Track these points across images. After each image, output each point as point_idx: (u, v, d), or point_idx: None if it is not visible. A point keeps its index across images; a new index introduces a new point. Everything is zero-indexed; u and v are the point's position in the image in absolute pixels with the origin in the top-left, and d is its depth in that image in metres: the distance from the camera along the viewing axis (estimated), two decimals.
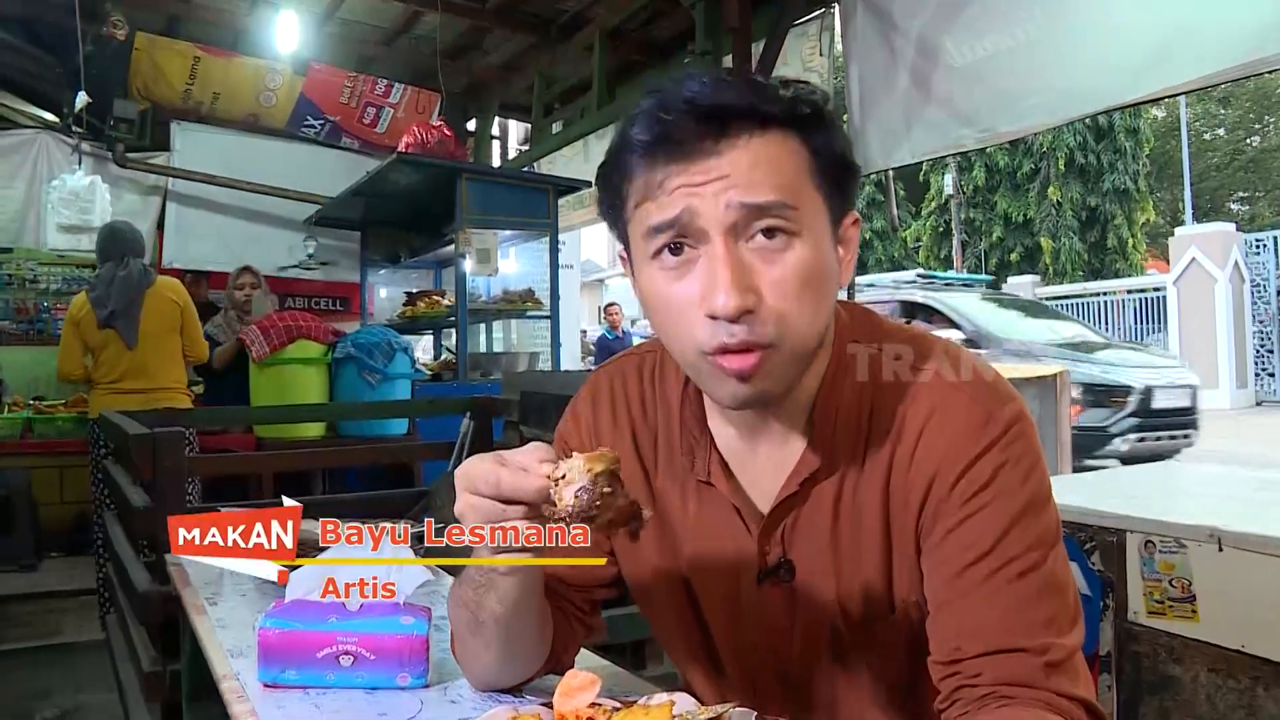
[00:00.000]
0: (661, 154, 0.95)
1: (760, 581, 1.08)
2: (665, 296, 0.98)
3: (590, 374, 1.28)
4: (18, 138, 6.75)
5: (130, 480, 3.08)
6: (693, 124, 0.93)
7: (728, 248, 0.93)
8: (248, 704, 1.19)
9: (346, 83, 7.29)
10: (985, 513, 0.96)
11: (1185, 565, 2.01)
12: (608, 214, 1.06)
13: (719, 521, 1.10)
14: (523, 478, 0.92)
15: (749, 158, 0.93)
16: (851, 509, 1.04)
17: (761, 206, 0.93)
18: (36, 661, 4.24)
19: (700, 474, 1.10)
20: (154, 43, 6.67)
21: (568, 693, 1.02)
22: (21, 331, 7.23)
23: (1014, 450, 0.98)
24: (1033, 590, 0.94)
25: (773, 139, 0.95)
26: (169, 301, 4.78)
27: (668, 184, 0.94)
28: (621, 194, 1.01)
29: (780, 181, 0.94)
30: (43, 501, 5.96)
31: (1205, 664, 1.97)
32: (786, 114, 0.96)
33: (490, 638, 1.11)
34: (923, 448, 1.00)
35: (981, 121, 4.20)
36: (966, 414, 0.99)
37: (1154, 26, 3.48)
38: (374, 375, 5.36)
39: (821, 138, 0.98)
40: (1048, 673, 0.91)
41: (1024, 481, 0.97)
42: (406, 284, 7.52)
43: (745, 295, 0.92)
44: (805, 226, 0.95)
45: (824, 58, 5.28)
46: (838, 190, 1.00)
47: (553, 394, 3.84)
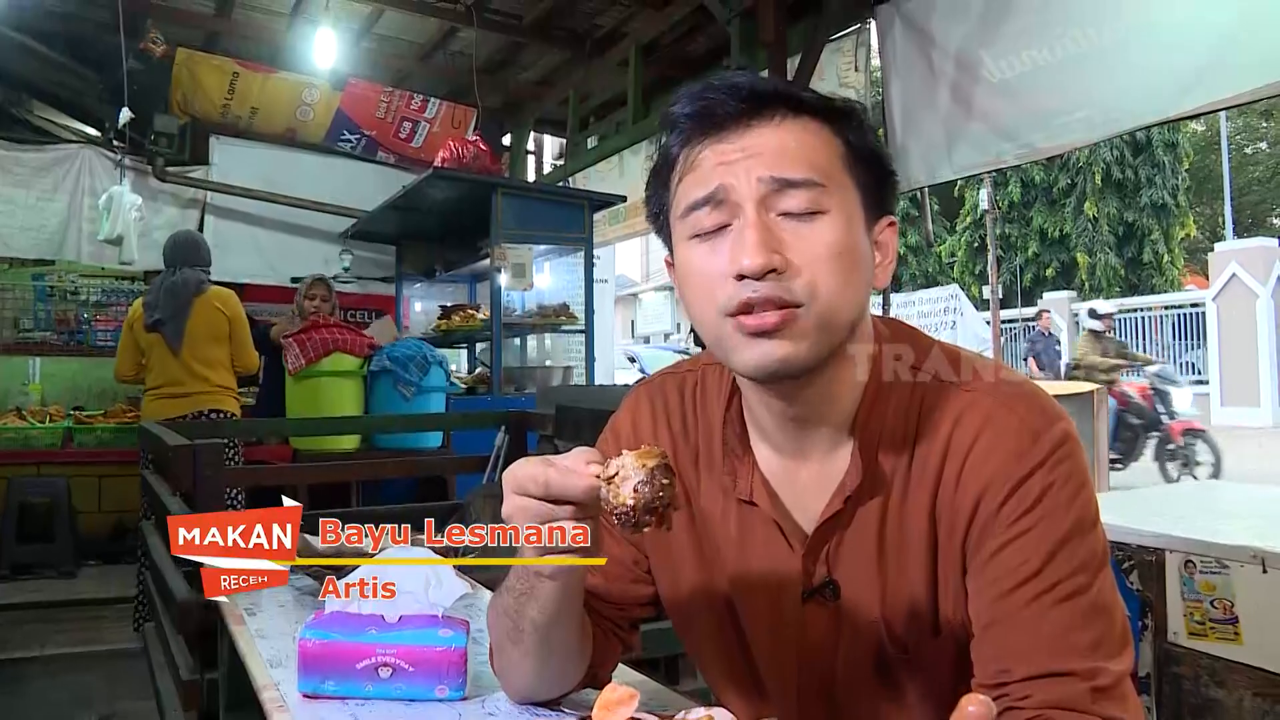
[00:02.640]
0: (699, 129, 1.00)
1: (805, 600, 1.08)
2: (698, 268, 1.00)
3: (630, 389, 1.29)
4: (61, 152, 6.86)
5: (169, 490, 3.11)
6: (730, 101, 0.98)
7: (758, 215, 0.96)
8: (288, 714, 1.20)
9: (383, 98, 7.35)
10: (1033, 534, 0.95)
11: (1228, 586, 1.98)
12: (654, 208, 1.09)
13: (762, 540, 1.10)
14: (572, 477, 0.93)
15: (781, 136, 0.98)
16: (897, 529, 1.03)
17: (791, 181, 0.96)
18: (75, 668, 4.28)
19: (743, 493, 1.10)
20: (194, 58, 6.76)
21: (607, 706, 1.02)
22: (62, 342, 7.35)
23: (1062, 471, 0.97)
24: (1080, 613, 0.93)
25: (806, 124, 0.99)
26: (216, 311, 4.84)
27: (704, 158, 0.99)
28: (666, 181, 1.05)
29: (811, 160, 0.97)
30: (82, 510, 6.05)
31: (1250, 688, 1.93)
32: (819, 105, 1.01)
33: (530, 647, 1.11)
34: (970, 467, 0.99)
35: (1021, 137, 4.18)
36: (1015, 433, 0.98)
37: (1196, 41, 3.44)
38: (409, 388, 5.39)
39: (854, 133, 1.02)
40: (1095, 697, 0.90)
41: (1071, 502, 0.96)
42: (441, 297, 7.56)
43: (771, 255, 0.94)
44: (835, 205, 0.97)
45: (860, 73, 5.27)
46: (872, 186, 1.02)
47: (587, 408, 3.84)
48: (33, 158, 6.74)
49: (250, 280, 7.00)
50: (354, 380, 5.45)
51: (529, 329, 6.67)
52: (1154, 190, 23.09)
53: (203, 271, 4.92)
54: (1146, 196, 23.14)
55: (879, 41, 4.96)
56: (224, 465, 3.00)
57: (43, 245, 6.78)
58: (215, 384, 4.79)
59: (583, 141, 7.71)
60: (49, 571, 5.75)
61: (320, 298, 5.80)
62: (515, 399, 5.65)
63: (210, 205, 7.20)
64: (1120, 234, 23.59)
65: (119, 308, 7.39)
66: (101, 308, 7.50)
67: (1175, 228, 23.57)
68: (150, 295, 4.84)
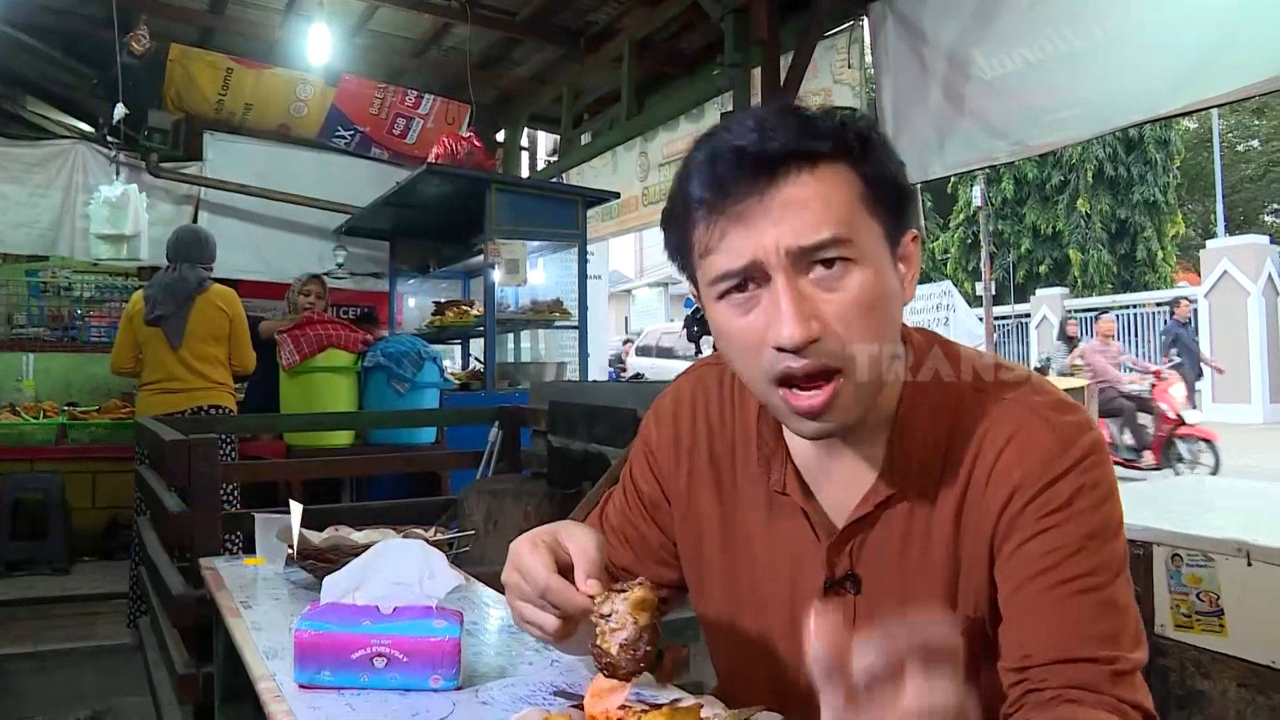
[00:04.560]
0: (717, 209, 0.98)
1: (826, 591, 1.11)
2: (734, 332, 1.01)
3: (674, 379, 1.33)
4: (55, 148, 6.83)
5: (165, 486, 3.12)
6: (744, 175, 0.97)
7: (789, 282, 0.96)
8: (284, 704, 1.21)
9: (377, 94, 7.34)
10: (1058, 530, 0.99)
11: (1213, 579, 2.00)
12: (675, 259, 1.10)
13: (790, 529, 1.13)
14: (569, 594, 1.00)
15: (801, 198, 0.96)
16: (924, 528, 1.06)
17: (818, 245, 0.96)
18: (70, 664, 4.28)
19: (776, 485, 1.14)
20: (187, 54, 6.74)
21: (598, 694, 1.04)
22: (56, 338, 7.33)
23: (1091, 476, 1.00)
24: (1099, 606, 0.98)
25: (823, 174, 0.98)
26: (218, 310, 4.83)
27: (727, 237, 0.98)
28: (686, 245, 1.05)
29: (833, 217, 0.96)
30: (76, 506, 6.04)
31: (1234, 679, 1.96)
32: (836, 147, 0.99)
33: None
34: (999, 471, 1.02)
35: (1013, 134, 4.19)
36: (1046, 439, 1.01)
37: (1187, 39, 3.45)
38: (403, 384, 5.40)
39: (872, 165, 1.01)
40: (1114, 681, 0.95)
41: (1099, 507, 1.00)
42: (435, 293, 7.56)
43: (809, 324, 0.95)
44: (862, 254, 0.98)
45: (853, 69, 5.28)
46: (894, 212, 1.02)
47: (580, 404, 3.85)
48: (26, 153, 6.71)
49: (244, 276, 6.97)
50: (348, 376, 5.47)
51: (522, 325, 6.69)
52: (1146, 187, 23.17)
53: (205, 269, 4.91)
54: (1139, 193, 23.21)
55: (871, 39, 4.97)
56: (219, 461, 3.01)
57: (36, 241, 6.75)
58: (212, 380, 4.79)
59: (576, 138, 7.70)
60: (43, 568, 5.75)
61: (314, 294, 5.81)
62: (509, 395, 5.67)
63: (204, 201, 7.18)
64: (1113, 231, 23.65)
65: (113, 303, 7.38)
66: (95, 303, 7.48)
67: (1167, 225, 23.64)
68: (151, 290, 4.82)
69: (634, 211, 7.72)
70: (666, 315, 30.03)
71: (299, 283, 5.91)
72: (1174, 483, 3.53)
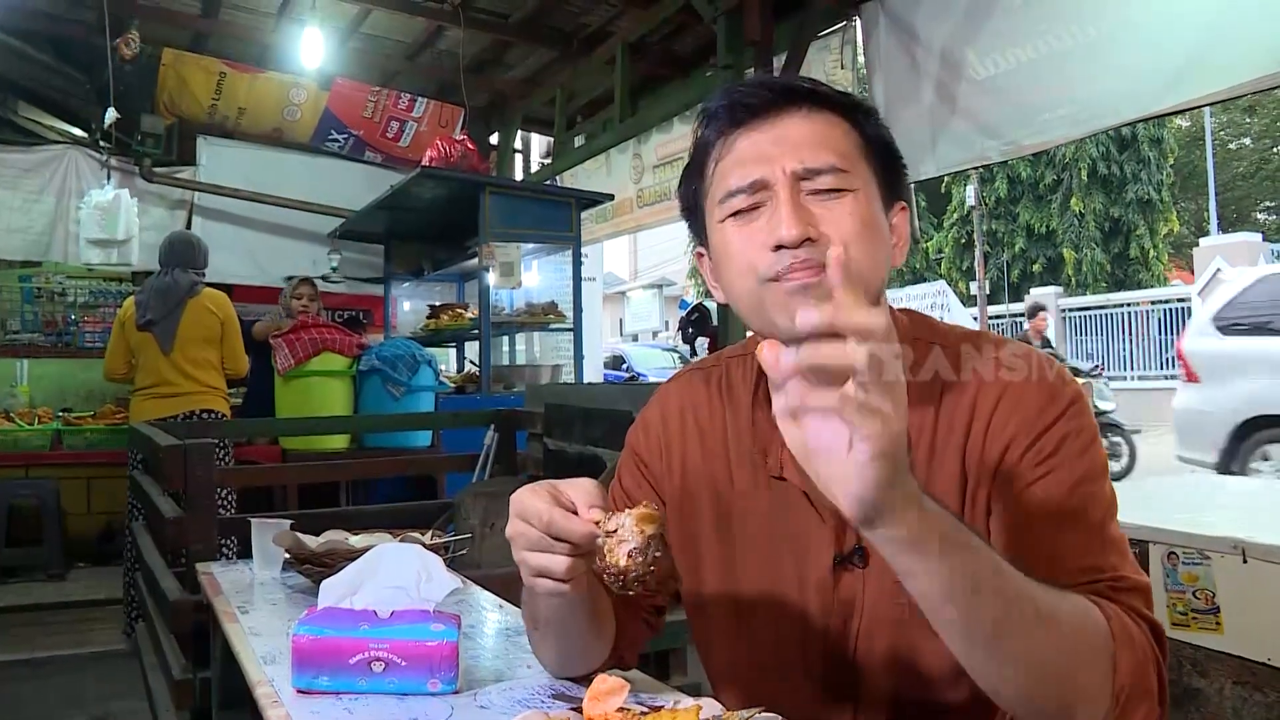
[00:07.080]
0: (733, 119, 1.11)
1: (835, 568, 1.12)
2: (735, 243, 1.10)
3: (662, 384, 1.37)
4: (47, 153, 6.83)
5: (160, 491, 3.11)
6: (761, 93, 1.10)
7: (791, 194, 1.06)
8: (282, 709, 1.21)
9: (370, 97, 7.34)
10: (1052, 476, 1.04)
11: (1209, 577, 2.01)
12: (687, 201, 1.20)
13: (792, 513, 1.15)
14: (574, 522, 0.99)
15: (808, 126, 1.09)
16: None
17: (820, 168, 1.06)
18: (66, 670, 4.27)
19: (773, 469, 1.16)
20: (180, 58, 6.74)
21: (597, 697, 1.04)
22: (50, 344, 7.32)
23: (1075, 424, 1.06)
24: (1097, 537, 1.02)
25: (829, 117, 1.10)
26: (209, 313, 4.83)
27: (740, 146, 1.10)
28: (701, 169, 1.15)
29: (835, 148, 1.08)
30: (71, 512, 6.04)
31: (1230, 676, 1.96)
32: (841, 101, 1.12)
33: (547, 634, 1.21)
34: (995, 425, 1.07)
35: (1005, 134, 4.21)
36: (1035, 394, 1.07)
37: (1178, 37, 3.47)
38: (398, 387, 5.40)
39: (870, 126, 1.13)
40: (1119, 592, 0.98)
41: (1085, 451, 1.05)
42: (430, 297, 7.55)
43: (806, 226, 1.04)
44: (858, 186, 1.08)
45: (846, 70, 5.29)
46: (885, 174, 1.13)
47: (576, 406, 3.85)
48: (19, 159, 6.70)
49: (238, 281, 6.97)
50: (343, 380, 5.46)
51: (517, 328, 6.68)
52: (1139, 186, 23.17)
53: (196, 274, 4.91)
54: (1132, 192, 23.22)
55: (864, 39, 4.98)
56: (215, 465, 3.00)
57: (29, 246, 6.74)
58: (205, 384, 4.79)
59: (570, 140, 7.71)
60: (38, 574, 5.75)
61: (306, 296, 5.81)
62: (504, 397, 5.67)
63: (197, 206, 7.18)
64: (1106, 229, 23.66)
65: (106, 309, 7.37)
66: (89, 309, 7.48)
67: (1160, 223, 23.65)
68: (142, 295, 4.83)
69: (628, 214, 7.72)
70: (661, 318, 30.06)
71: (290, 286, 5.92)
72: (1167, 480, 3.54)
